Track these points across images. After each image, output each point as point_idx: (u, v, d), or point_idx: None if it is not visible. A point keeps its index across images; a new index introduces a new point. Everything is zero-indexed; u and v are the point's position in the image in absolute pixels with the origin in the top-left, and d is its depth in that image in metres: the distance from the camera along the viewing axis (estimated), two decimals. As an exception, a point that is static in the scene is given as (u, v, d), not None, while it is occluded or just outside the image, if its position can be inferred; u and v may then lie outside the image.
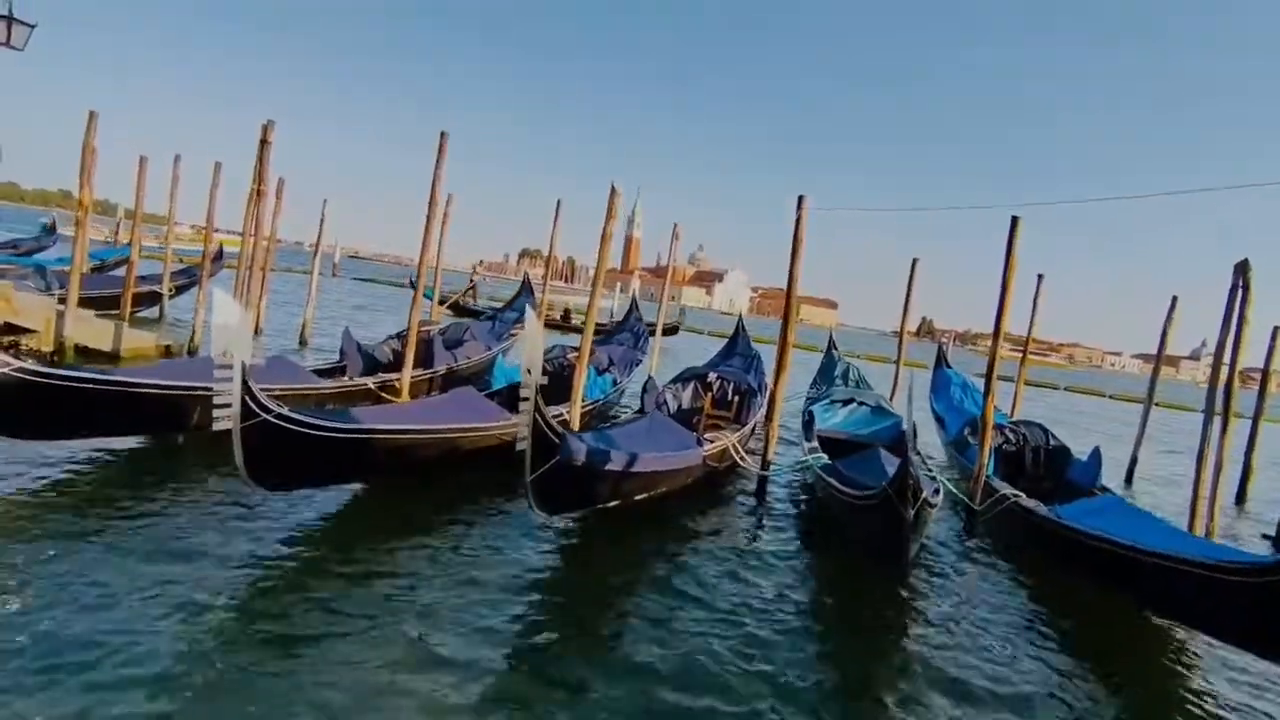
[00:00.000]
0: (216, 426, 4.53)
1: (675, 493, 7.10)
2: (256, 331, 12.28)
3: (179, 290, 15.49)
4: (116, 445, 6.54)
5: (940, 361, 13.53)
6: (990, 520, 7.62)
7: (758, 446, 8.56)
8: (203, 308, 11.45)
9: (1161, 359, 12.67)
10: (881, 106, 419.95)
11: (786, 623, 4.96)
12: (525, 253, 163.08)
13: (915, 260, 13.30)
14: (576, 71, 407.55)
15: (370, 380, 9.36)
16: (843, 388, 12.11)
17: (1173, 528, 6.57)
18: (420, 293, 9.97)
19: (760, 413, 9.95)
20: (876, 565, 6.04)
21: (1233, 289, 7.36)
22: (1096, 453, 8.91)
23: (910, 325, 14.58)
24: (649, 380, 10.11)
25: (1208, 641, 5.37)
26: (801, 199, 8.02)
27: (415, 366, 9.90)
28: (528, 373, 4.73)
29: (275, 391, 7.55)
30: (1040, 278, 12.52)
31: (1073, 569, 6.43)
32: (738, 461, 8.13)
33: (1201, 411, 8.12)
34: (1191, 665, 5.18)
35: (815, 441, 9.05)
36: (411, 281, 29.26)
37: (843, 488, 6.47)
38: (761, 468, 8.10)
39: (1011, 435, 9.86)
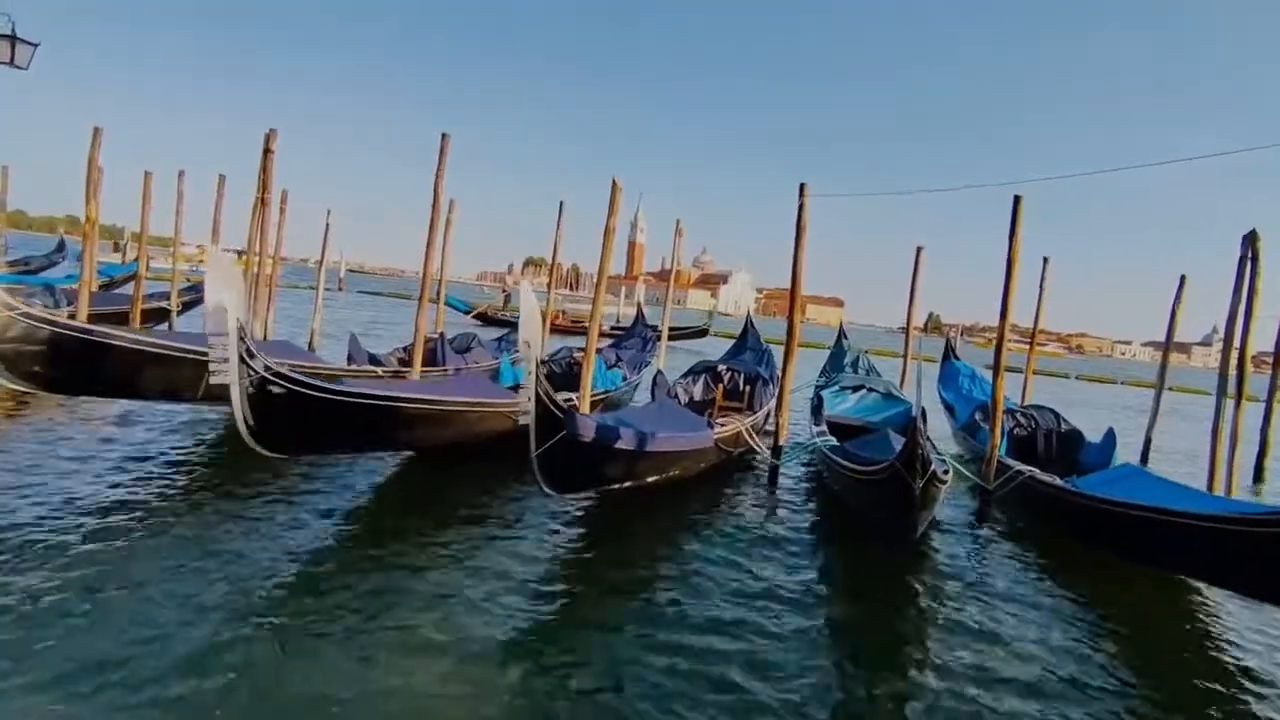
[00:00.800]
0: (214, 380, 4.48)
1: (687, 477, 7.08)
2: (264, 336, 12.32)
3: (186, 307, 15.59)
4: (133, 453, 6.58)
5: (948, 353, 13.48)
6: (1005, 500, 7.57)
7: (770, 433, 8.55)
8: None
9: (1172, 339, 12.56)
10: (882, 103, 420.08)
11: (800, 601, 4.93)
12: (529, 262, 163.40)
13: (920, 248, 13.25)
14: (575, 77, 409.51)
15: (380, 370, 9.44)
16: (852, 374, 12.07)
17: (1198, 492, 6.52)
18: (431, 301, 10.00)
19: (772, 400, 9.95)
20: (886, 542, 5.99)
21: (1241, 260, 7.31)
22: (1110, 434, 8.83)
23: (917, 319, 14.49)
24: (659, 374, 10.12)
25: (1242, 604, 5.32)
26: (803, 186, 8.04)
27: (424, 365, 9.94)
28: (526, 345, 4.70)
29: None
30: (1045, 261, 12.47)
31: (1095, 541, 6.33)
32: (750, 445, 8.11)
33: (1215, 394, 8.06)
34: (1223, 628, 5.12)
35: (824, 426, 9.03)
36: (437, 296, 29.49)
37: (850, 465, 6.44)
38: (772, 453, 8.08)
39: (1023, 419, 9.80)
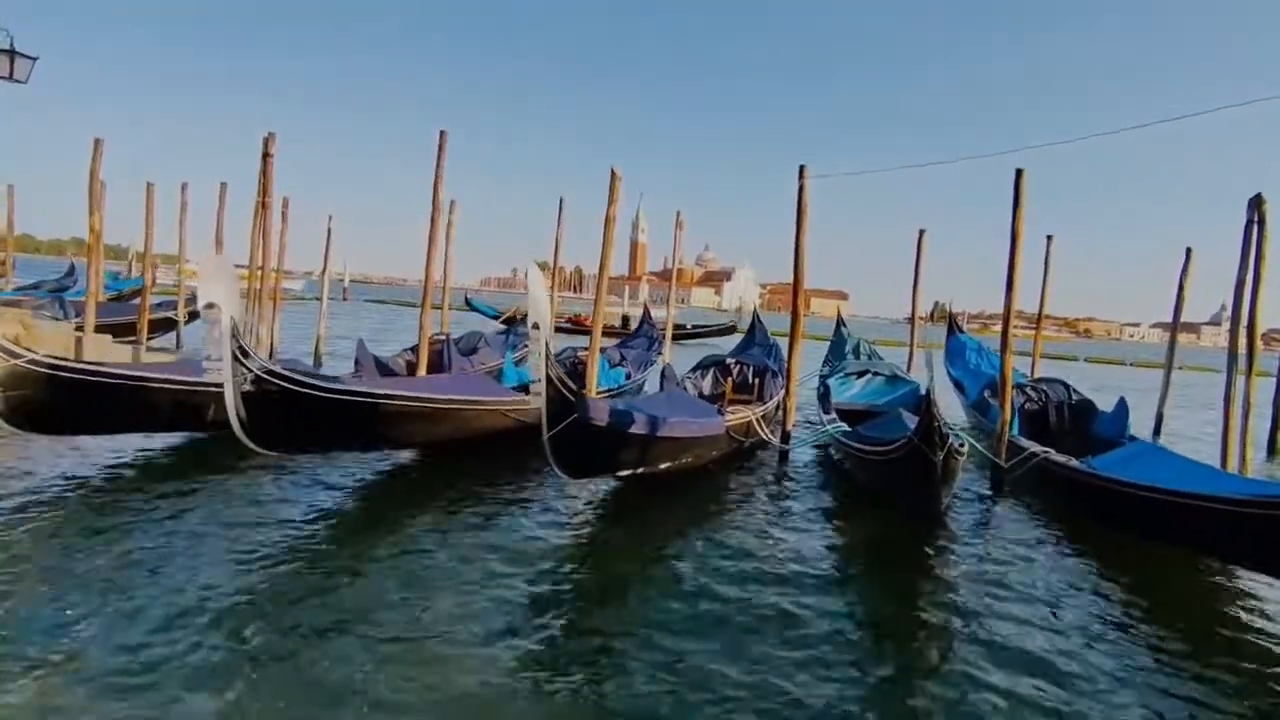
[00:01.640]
0: (207, 378, 4.49)
1: (699, 465, 7.06)
2: (271, 354, 12.35)
3: (192, 317, 15.69)
4: (140, 452, 6.60)
5: (952, 328, 13.42)
6: (1019, 477, 7.52)
7: (780, 423, 8.54)
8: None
9: (1180, 313, 12.45)
10: (882, 93, 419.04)
11: (819, 580, 4.90)
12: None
13: (922, 231, 13.21)
14: (575, 77, 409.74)
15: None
16: (855, 361, 12.05)
17: (1216, 470, 6.43)
18: (435, 307, 10.02)
19: (781, 392, 9.92)
20: (908, 520, 5.94)
21: (1248, 225, 7.23)
22: (1122, 404, 8.77)
23: (921, 306, 14.41)
24: (667, 367, 10.10)
25: (1267, 582, 5.24)
26: (802, 169, 8.02)
27: (430, 370, 9.94)
28: (535, 327, 4.70)
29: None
30: (1049, 239, 12.40)
31: (1114, 522, 6.26)
32: (760, 434, 8.09)
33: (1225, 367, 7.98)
34: (1246, 607, 5.04)
35: (833, 414, 9.00)
36: (468, 300, 29.57)
37: (866, 446, 6.40)
38: (782, 440, 8.05)
39: (1033, 393, 9.75)
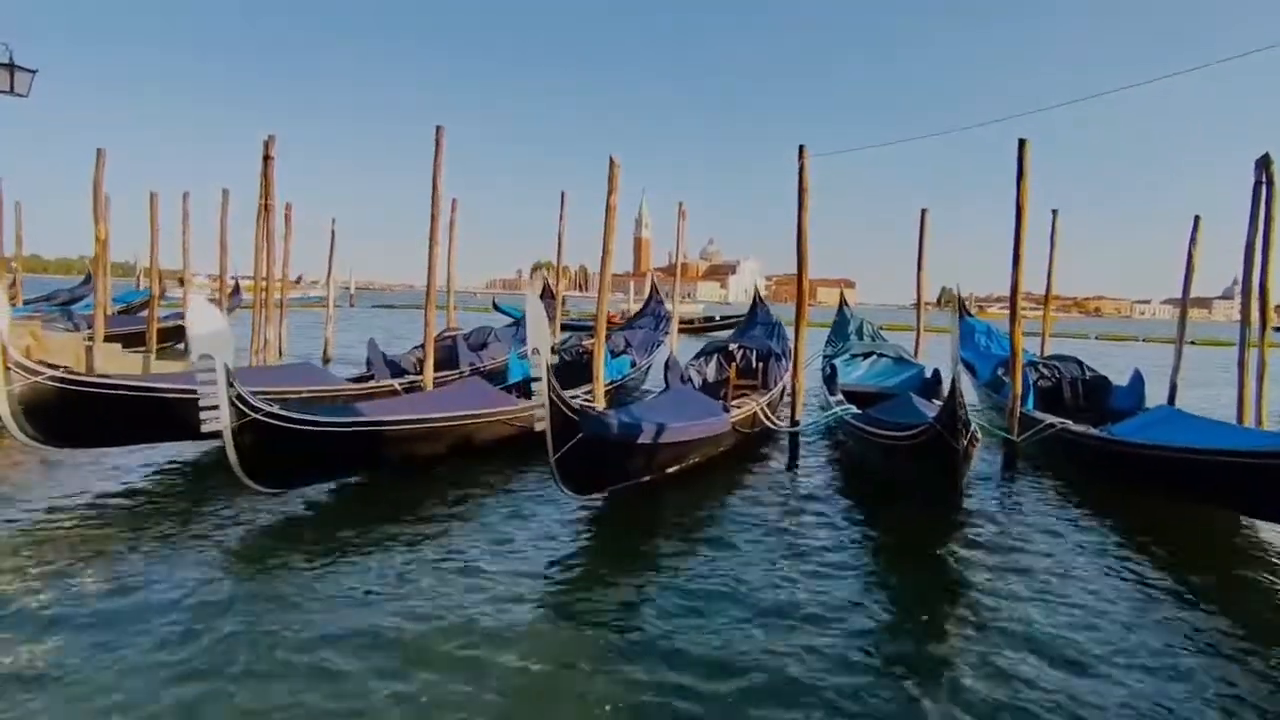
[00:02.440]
0: (205, 429, 4.62)
1: (706, 462, 7.02)
2: (280, 356, 12.40)
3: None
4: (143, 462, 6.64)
5: (961, 311, 13.29)
6: (1033, 451, 7.47)
7: (786, 409, 8.48)
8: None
9: (1190, 282, 12.31)
10: (880, 78, 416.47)
11: (838, 574, 4.76)
12: (537, 266, 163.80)
13: (924, 211, 13.10)
14: (573, 76, 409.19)
15: (396, 382, 9.40)
16: (860, 342, 11.97)
17: (1240, 427, 6.40)
18: (440, 308, 10.01)
19: (787, 375, 9.86)
20: (924, 504, 5.85)
21: (1256, 186, 7.14)
22: (1138, 375, 8.71)
23: (928, 290, 14.27)
24: (670, 358, 10.06)
25: None
26: (802, 148, 7.96)
27: (440, 369, 9.94)
28: (535, 352, 4.73)
29: (300, 393, 7.64)
30: (1055, 213, 12.27)
31: (1138, 485, 6.20)
32: (767, 424, 8.05)
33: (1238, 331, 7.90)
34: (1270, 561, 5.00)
35: (840, 395, 8.95)
36: (495, 304, 29.58)
37: (882, 431, 6.31)
38: (791, 426, 8.01)
39: (1046, 370, 9.68)
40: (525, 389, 8.67)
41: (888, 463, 6.75)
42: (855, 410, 7.86)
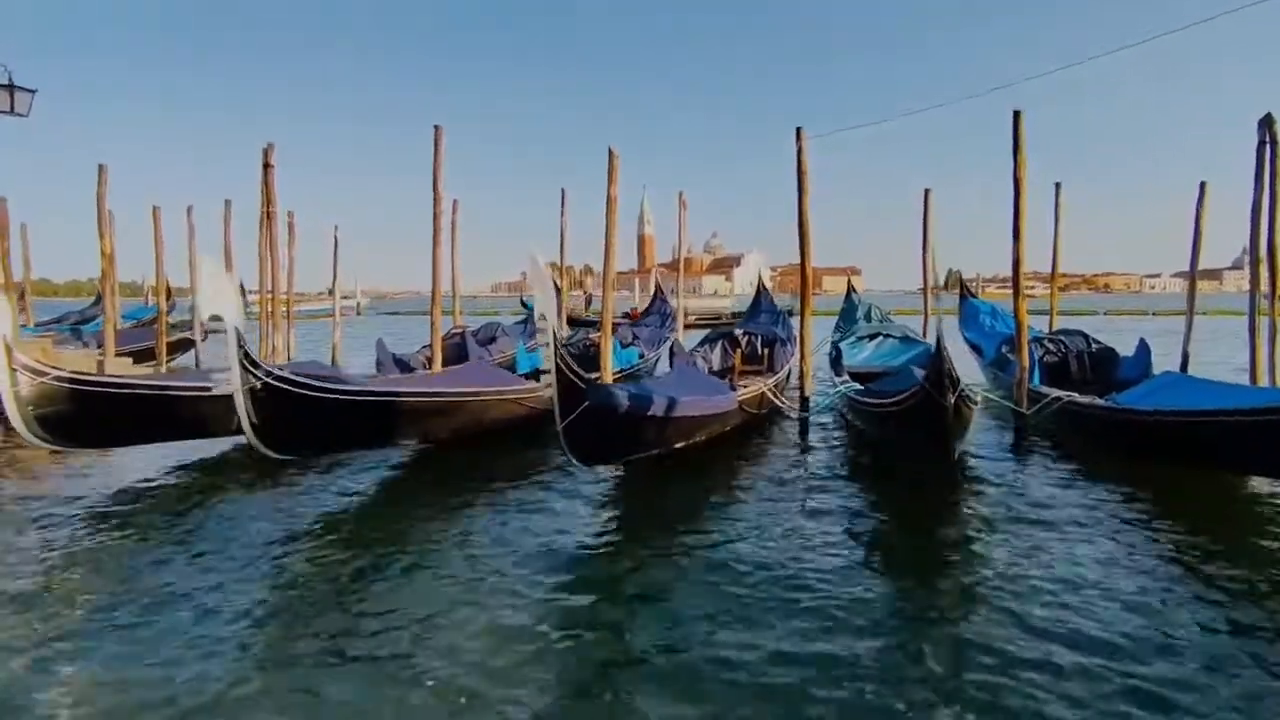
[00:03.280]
0: (217, 390, 4.60)
1: (715, 441, 7.03)
2: (288, 360, 12.48)
3: (209, 335, 15.96)
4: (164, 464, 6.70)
5: (965, 293, 13.24)
6: (1042, 426, 7.43)
7: (794, 392, 8.48)
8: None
9: (1199, 249, 12.18)
10: (879, 75, 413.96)
11: (848, 553, 4.71)
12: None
13: (928, 191, 13.03)
14: (573, 76, 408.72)
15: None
16: (867, 324, 11.93)
17: (1248, 387, 6.36)
18: (446, 313, 10.05)
19: (792, 360, 9.85)
20: (921, 465, 5.88)
21: (1260, 145, 7.06)
22: (1143, 345, 8.65)
23: (935, 270, 14.18)
24: (675, 343, 10.07)
25: None
26: (799, 130, 7.94)
27: (449, 363, 9.98)
28: (542, 318, 4.73)
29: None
30: (1058, 186, 12.19)
31: (1149, 453, 6.14)
32: (775, 404, 8.04)
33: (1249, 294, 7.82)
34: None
35: (845, 377, 8.94)
36: (524, 301, 29.65)
37: (877, 400, 6.34)
38: (801, 408, 8.00)
39: (1051, 345, 9.63)
40: (534, 380, 8.72)
41: (885, 430, 6.76)
42: (858, 387, 7.86)
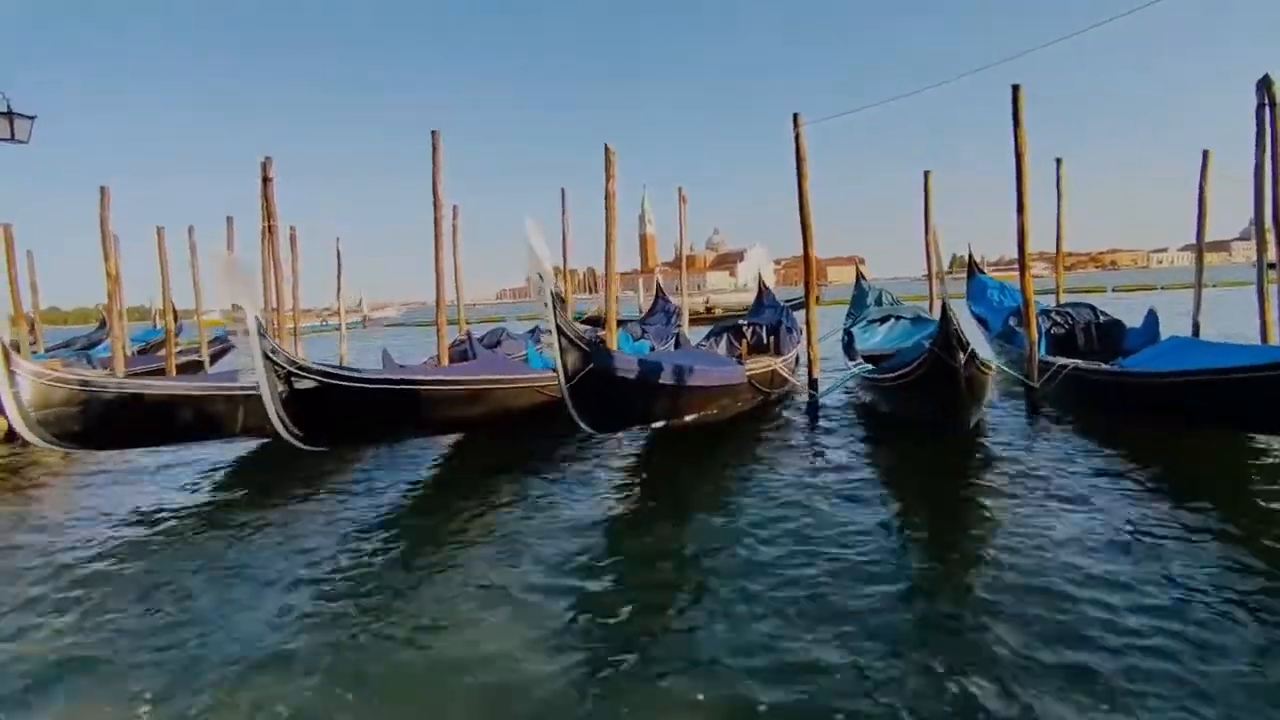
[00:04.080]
0: (243, 380, 4.60)
1: (726, 417, 7.02)
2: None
3: (215, 357, 16.08)
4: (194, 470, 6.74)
5: (972, 269, 13.17)
6: (1053, 396, 7.39)
7: (803, 371, 8.48)
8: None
9: (1205, 220, 12.07)
10: (877, 56, 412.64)
11: (865, 529, 4.68)
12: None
13: (927, 173, 12.92)
14: (573, 75, 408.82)
15: None
16: (878, 308, 11.89)
17: (1254, 346, 6.31)
18: (452, 323, 10.08)
19: (799, 345, 9.84)
20: (938, 434, 5.85)
21: (1259, 108, 7.00)
22: (1151, 315, 8.60)
23: (939, 252, 14.08)
24: (680, 335, 10.10)
25: None
26: (796, 116, 7.91)
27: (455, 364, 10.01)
28: (539, 277, 4.72)
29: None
30: (1059, 161, 12.09)
31: (1157, 417, 6.09)
32: (785, 379, 8.04)
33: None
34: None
35: (859, 359, 8.92)
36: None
37: (890, 373, 6.32)
38: (811, 386, 7.99)
39: (1059, 318, 9.60)
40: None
41: (900, 402, 6.71)
42: (871, 367, 7.85)
